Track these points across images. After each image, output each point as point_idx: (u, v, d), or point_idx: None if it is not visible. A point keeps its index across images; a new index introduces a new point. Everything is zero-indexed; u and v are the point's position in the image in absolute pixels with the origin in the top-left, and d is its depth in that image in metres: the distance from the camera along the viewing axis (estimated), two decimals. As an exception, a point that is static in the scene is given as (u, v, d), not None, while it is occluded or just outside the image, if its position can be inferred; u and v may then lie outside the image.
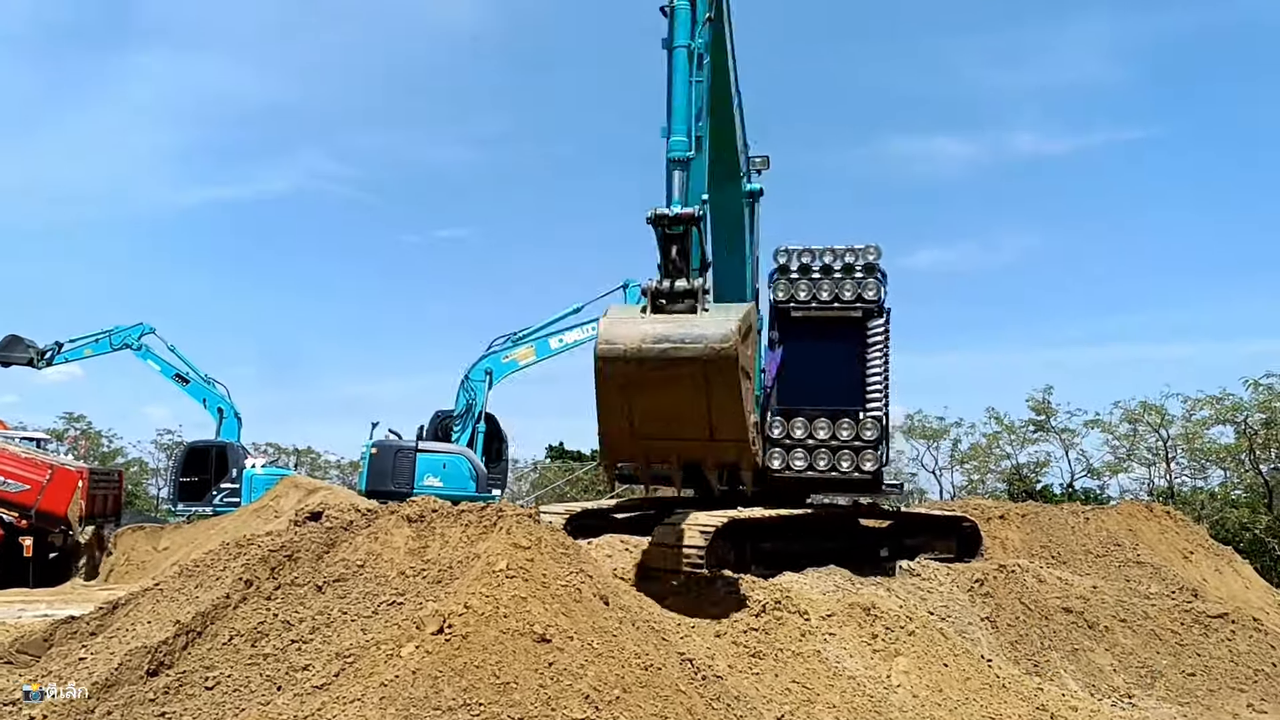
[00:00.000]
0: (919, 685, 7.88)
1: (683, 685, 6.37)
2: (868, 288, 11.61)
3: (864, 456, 11.13)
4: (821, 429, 11.34)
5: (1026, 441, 36.61)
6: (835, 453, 11.23)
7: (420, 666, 5.65)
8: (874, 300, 11.62)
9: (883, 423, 11.26)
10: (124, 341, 28.16)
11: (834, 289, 11.76)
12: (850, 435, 11.23)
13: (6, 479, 19.81)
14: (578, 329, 24.44)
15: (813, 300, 11.84)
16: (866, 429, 11.18)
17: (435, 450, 22.81)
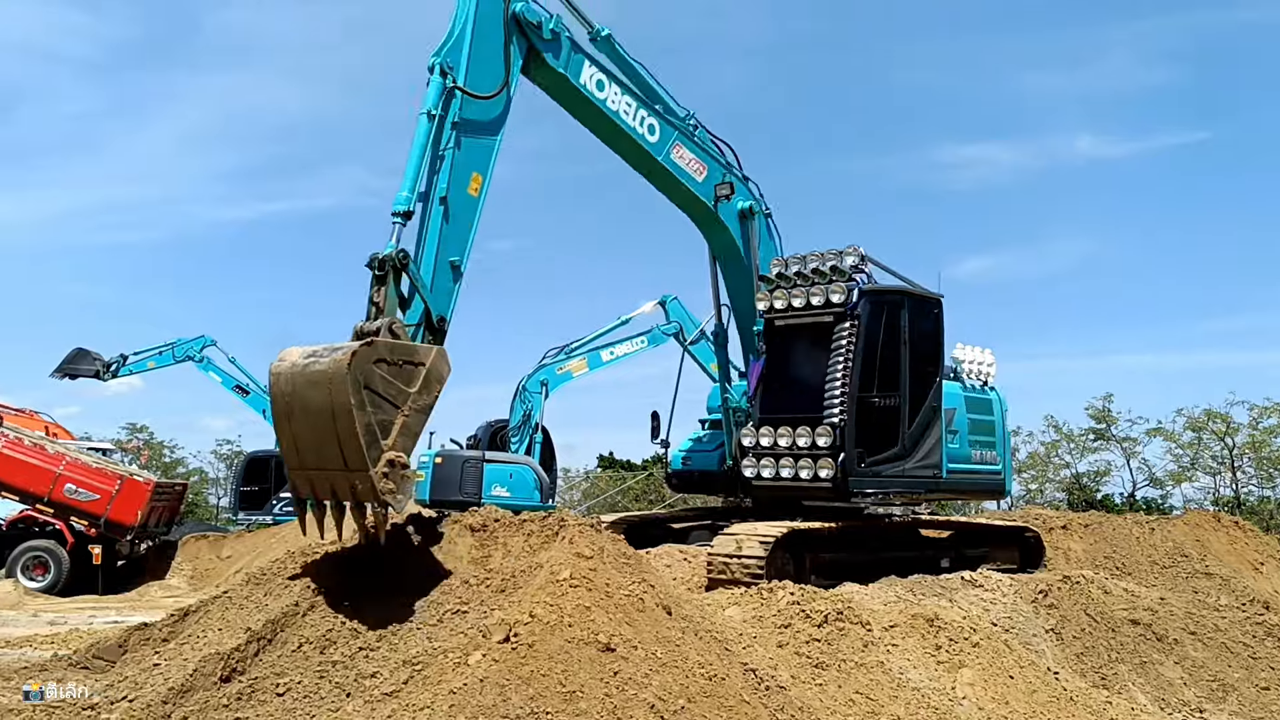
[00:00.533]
0: (984, 697, 7.79)
1: (747, 695, 6.37)
2: (835, 291, 11.39)
3: (821, 464, 10.87)
4: (785, 437, 11.18)
5: (1086, 450, 36.04)
6: (798, 460, 11.08)
7: (488, 674, 5.71)
8: (840, 304, 11.33)
9: (839, 429, 10.84)
10: (186, 354, 28.77)
11: (806, 295, 11.60)
12: (809, 443, 11.01)
13: (78, 488, 20.28)
14: (627, 342, 24.67)
15: (789, 308, 11.74)
16: (822, 436, 10.88)
17: (502, 460, 22.95)
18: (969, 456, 12.28)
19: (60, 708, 7.25)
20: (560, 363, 24.73)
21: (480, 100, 9.70)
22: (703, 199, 12.12)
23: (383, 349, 7.83)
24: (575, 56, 10.92)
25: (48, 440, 21.66)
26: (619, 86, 11.32)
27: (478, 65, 9.78)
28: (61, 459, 20.49)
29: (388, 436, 7.66)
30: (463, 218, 9.58)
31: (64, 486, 20.12)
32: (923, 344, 11.69)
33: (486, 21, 9.90)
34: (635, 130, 11.41)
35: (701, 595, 9.12)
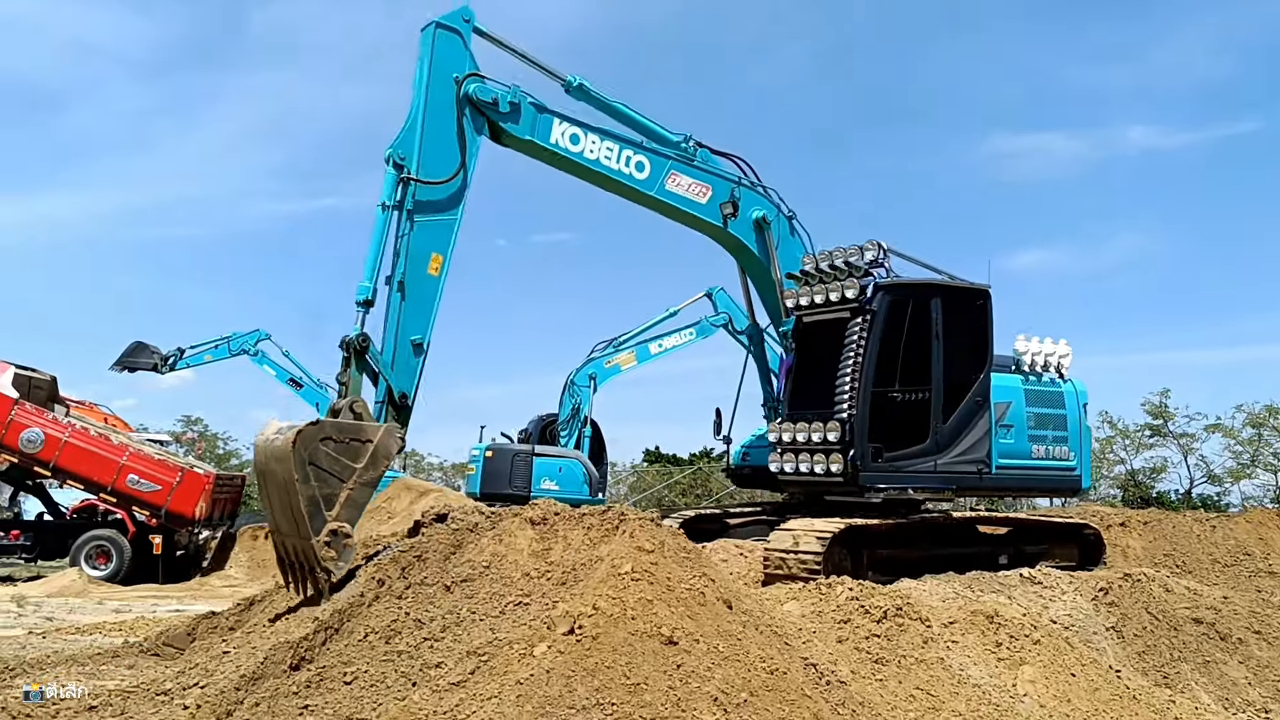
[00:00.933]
0: (1045, 695, 7.74)
1: (808, 690, 6.38)
2: (849, 287, 11.34)
3: (832, 459, 10.91)
4: (802, 432, 11.24)
5: (1142, 446, 35.51)
6: (813, 455, 11.13)
7: (554, 666, 5.78)
8: (854, 299, 11.29)
9: (847, 424, 10.82)
10: (241, 347, 29.21)
11: (826, 291, 11.60)
12: (820, 438, 11.03)
13: (140, 479, 20.75)
14: (675, 335, 24.66)
15: (812, 304, 11.75)
16: (831, 431, 10.89)
17: (551, 454, 23.11)
18: (1028, 451, 12.08)
19: (134, 693, 7.46)
20: (608, 356, 24.79)
21: (439, 185, 10.27)
22: (709, 220, 12.34)
23: (329, 428, 8.82)
24: (542, 118, 11.28)
25: (112, 431, 22.18)
26: (597, 134, 11.63)
27: (432, 151, 10.32)
28: (125, 450, 20.98)
29: (332, 508, 8.56)
30: (423, 298, 10.19)
31: (127, 477, 20.60)
32: (963, 337, 11.55)
33: (438, 108, 10.42)
34: (620, 173, 11.72)
35: (759, 590, 9.14)
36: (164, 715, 6.95)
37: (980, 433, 11.56)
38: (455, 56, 10.65)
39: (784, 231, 12.69)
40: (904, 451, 11.15)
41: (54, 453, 20.48)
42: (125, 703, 7.21)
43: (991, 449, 11.61)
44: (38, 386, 22.35)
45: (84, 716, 7.05)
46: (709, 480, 41.13)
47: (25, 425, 20.43)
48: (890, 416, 11.12)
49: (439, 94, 10.50)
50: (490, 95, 10.77)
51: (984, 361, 11.70)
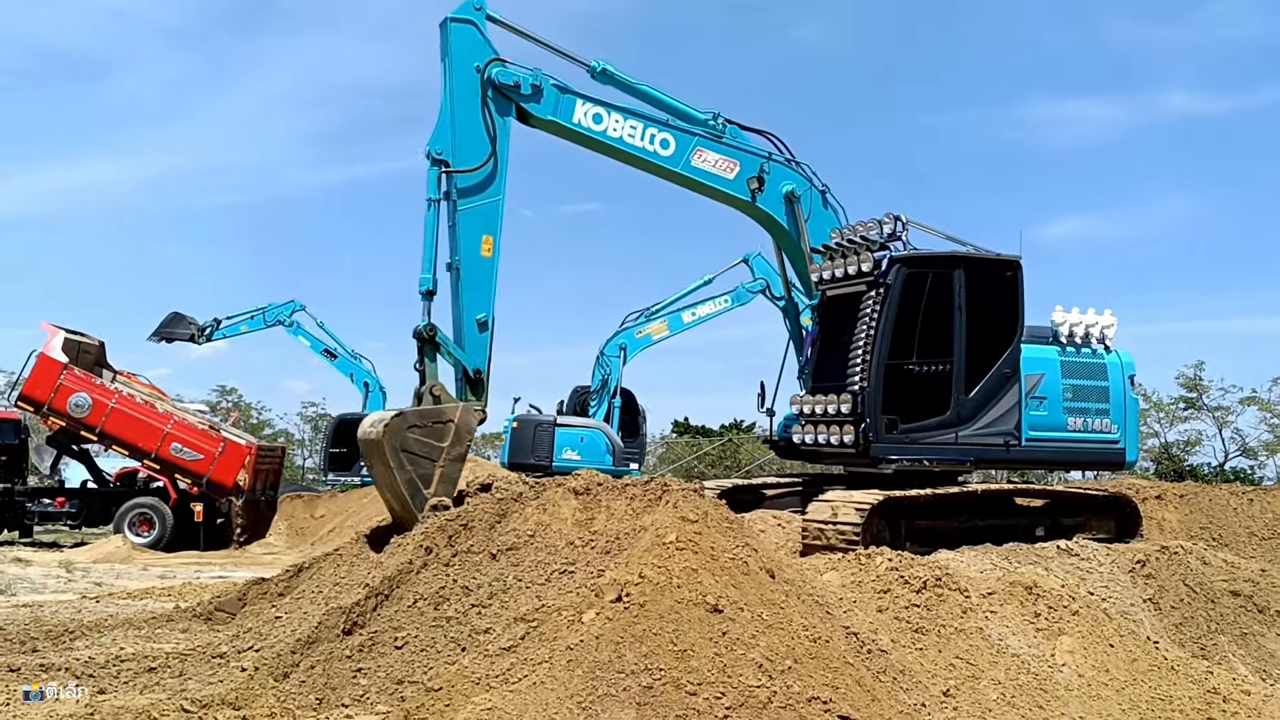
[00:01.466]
0: (1084, 665, 7.80)
1: (850, 658, 6.49)
2: (864, 260, 11.40)
3: (844, 430, 11.11)
4: (820, 404, 11.45)
5: (1176, 419, 35.28)
6: (828, 427, 11.35)
7: (602, 632, 5.91)
8: (868, 273, 11.38)
9: (859, 396, 10.99)
10: (277, 318, 29.48)
11: (845, 265, 11.71)
12: (834, 410, 11.21)
13: (184, 447, 21.14)
14: (709, 302, 24.66)
15: (833, 278, 11.90)
16: (844, 403, 11.08)
17: (573, 425, 23.34)
18: (1063, 424, 12.01)
19: (190, 656, 7.68)
20: (639, 325, 24.87)
21: (473, 171, 10.82)
22: (737, 195, 12.45)
23: (411, 416, 9.88)
24: (565, 99, 11.58)
25: (157, 399, 22.58)
26: (620, 113, 11.87)
27: (465, 141, 10.84)
28: (170, 418, 21.37)
29: (429, 486, 9.63)
30: (480, 278, 10.86)
31: (170, 445, 20.99)
32: (990, 308, 11.54)
33: (464, 98, 10.91)
34: (644, 150, 11.94)
35: (798, 560, 9.25)
36: (221, 677, 7.17)
37: (1009, 405, 11.54)
38: (473, 46, 11.04)
39: (816, 205, 12.70)
40: (922, 423, 11.22)
41: (100, 418, 20.92)
42: (183, 664, 7.44)
43: (1021, 421, 11.59)
44: (86, 351, 22.77)
45: (144, 678, 7.28)
46: (738, 451, 41.24)
47: (73, 390, 20.86)
48: (907, 388, 11.22)
49: (463, 85, 10.94)
50: (512, 79, 11.13)
51: (1014, 333, 11.66)
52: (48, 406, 20.95)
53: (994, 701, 7.04)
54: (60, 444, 22.94)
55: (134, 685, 7.12)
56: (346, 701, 6.60)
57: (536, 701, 5.54)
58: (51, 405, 20.86)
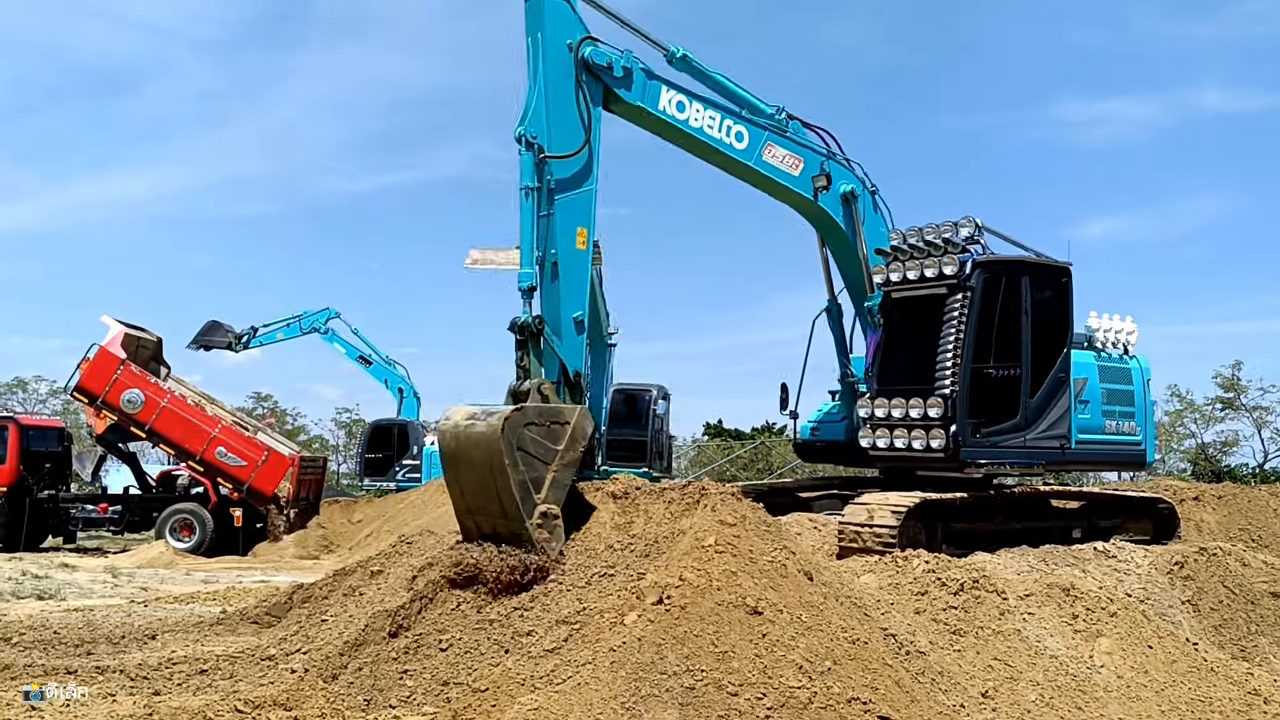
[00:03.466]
0: (1123, 666, 7.82)
1: (889, 659, 6.56)
2: (948, 264, 11.33)
3: (933, 434, 10.94)
4: (899, 408, 11.27)
5: (1213, 420, 34.93)
6: (911, 431, 11.17)
7: (644, 634, 6.02)
8: (953, 275, 11.27)
9: (950, 400, 10.83)
10: (312, 326, 29.85)
11: (921, 267, 11.58)
12: (919, 414, 11.08)
13: (228, 452, 21.52)
14: None
15: (904, 280, 11.77)
16: (933, 407, 10.94)
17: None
18: (1101, 427, 12.15)
19: (240, 658, 7.86)
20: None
21: (571, 158, 10.04)
22: (801, 192, 12.22)
23: (532, 413, 8.71)
24: (651, 85, 11.02)
25: (207, 403, 22.99)
26: (701, 103, 11.40)
27: (558, 126, 10.04)
28: (218, 423, 21.77)
29: (540, 491, 8.48)
30: (576, 274, 10.11)
31: (216, 449, 21.37)
32: (1047, 314, 11.63)
33: (557, 78, 10.12)
34: (722, 142, 11.54)
35: (835, 563, 9.31)
36: (271, 678, 7.35)
37: (1062, 409, 11.69)
38: (565, 22, 10.30)
39: (868, 207, 12.60)
40: (997, 428, 11.29)
41: (151, 415, 21.39)
42: (234, 666, 7.62)
43: (1071, 425, 11.74)
44: (144, 346, 23.27)
45: (197, 679, 7.47)
46: (770, 454, 41.20)
47: (128, 385, 21.36)
48: (985, 393, 11.22)
49: (555, 63, 10.18)
50: (605, 59, 10.47)
51: (1065, 338, 11.81)
52: (102, 399, 21.42)
53: (1033, 703, 7.07)
54: (109, 442, 23.36)
55: (187, 687, 7.31)
56: (394, 702, 6.75)
57: (581, 702, 5.65)
58: (105, 399, 21.34)
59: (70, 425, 30.22)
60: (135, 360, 22.16)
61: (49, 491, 22.77)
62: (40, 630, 9.06)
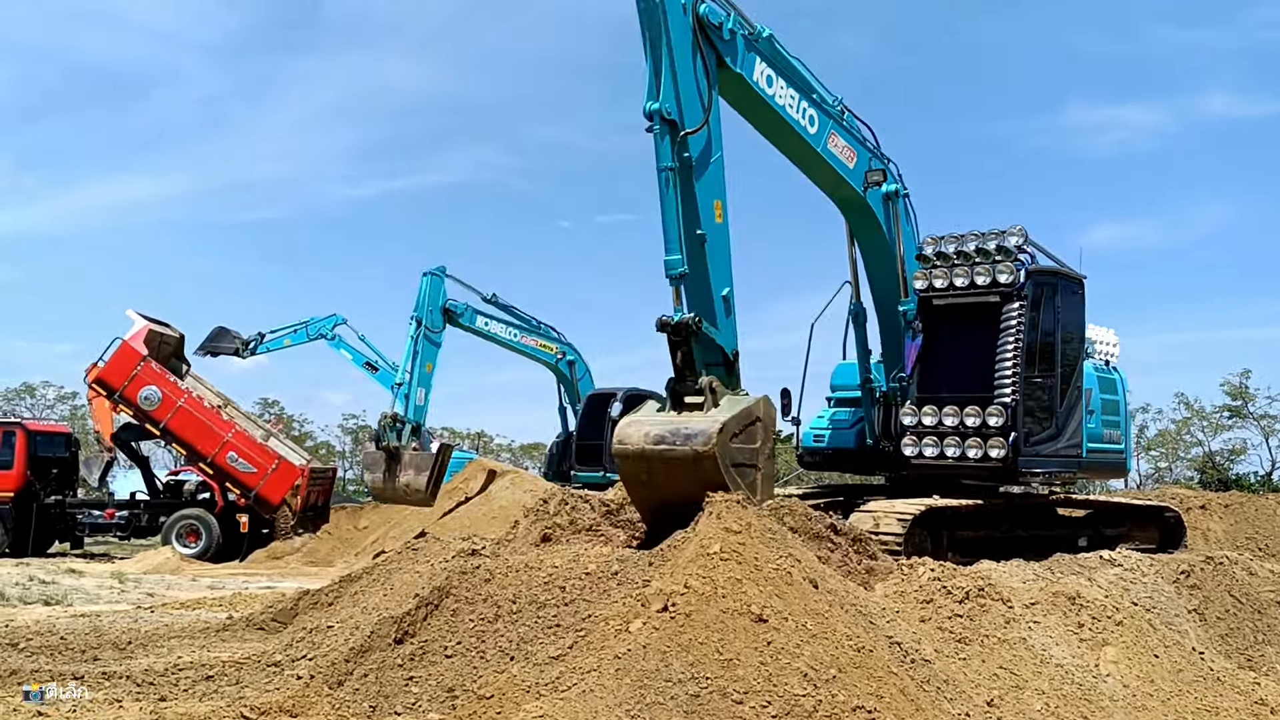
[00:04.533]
0: (1129, 675, 7.80)
1: (894, 667, 6.55)
2: (1002, 271, 11.34)
3: (992, 444, 10.92)
4: (951, 416, 11.23)
5: (1220, 428, 34.86)
6: (965, 440, 11.11)
7: (649, 641, 6.02)
8: (1008, 284, 11.31)
9: (1011, 409, 10.88)
10: (319, 332, 29.83)
11: (969, 275, 11.56)
12: (978, 422, 11.04)
13: (239, 457, 21.58)
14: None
15: (949, 287, 11.72)
16: (993, 415, 10.95)
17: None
18: (1101, 435, 12.31)
19: (246, 664, 7.88)
20: None
21: (699, 130, 9.50)
22: (853, 185, 12.01)
23: (732, 425, 8.59)
24: (749, 54, 10.54)
25: (224, 404, 23.08)
26: (784, 80, 11.05)
27: (687, 96, 9.47)
28: (231, 427, 21.86)
29: (756, 494, 8.59)
30: (721, 249, 9.74)
31: (228, 453, 21.43)
32: (1069, 325, 11.73)
33: (680, 43, 9.43)
34: (798, 123, 11.24)
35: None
36: (277, 685, 7.36)
37: (1079, 418, 11.89)
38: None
39: (903, 210, 12.49)
40: (1038, 436, 11.45)
41: (167, 414, 21.49)
42: (239, 673, 7.64)
43: (1084, 434, 11.85)
44: (165, 342, 23.41)
45: (202, 685, 7.48)
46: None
47: (147, 382, 21.44)
48: (1031, 403, 11.35)
49: (677, 27, 9.41)
50: (719, 18, 9.91)
51: (1081, 349, 11.95)
52: (119, 393, 21.51)
53: (1038, 712, 7.06)
54: (122, 442, 23.48)
55: (193, 693, 7.33)
56: (399, 709, 6.76)
57: (586, 709, 5.65)
58: (123, 393, 21.42)
59: (78, 431, 30.31)
60: (156, 356, 22.26)
61: (56, 497, 22.84)
62: (47, 635, 9.08)
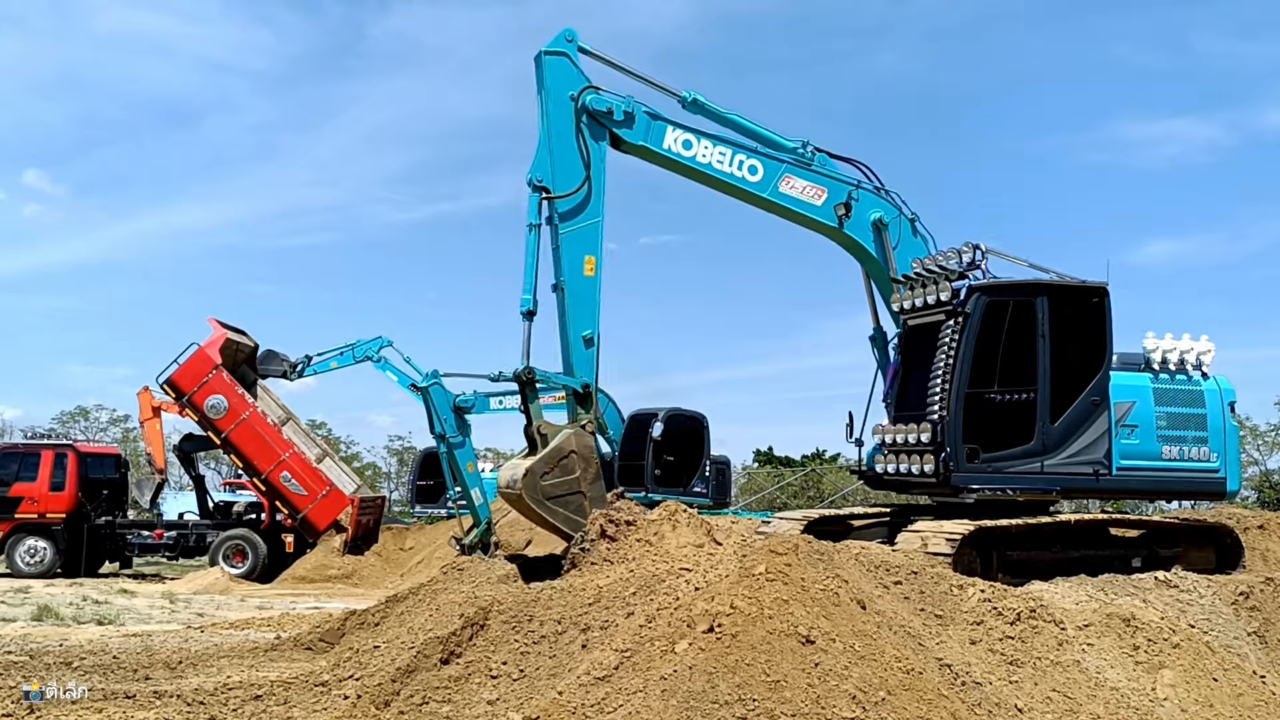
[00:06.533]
0: (1187, 699, 7.63)
1: (944, 690, 6.45)
2: (943, 290, 11.37)
3: (925, 459, 11.10)
4: (900, 433, 11.50)
5: (1276, 446, 34.11)
6: (909, 456, 11.38)
7: (696, 663, 5.97)
8: (947, 302, 11.35)
9: (940, 425, 10.96)
10: (365, 354, 30.10)
11: (925, 295, 11.71)
12: (914, 439, 11.24)
13: (292, 478, 21.85)
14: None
15: (912, 308, 11.93)
16: (924, 432, 11.07)
17: None
18: (1157, 452, 11.75)
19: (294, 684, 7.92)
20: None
21: (571, 195, 11.37)
22: (824, 221, 12.68)
23: (539, 466, 10.51)
24: (656, 125, 12.02)
25: (288, 420, 23.44)
26: (710, 140, 12.27)
27: (563, 167, 11.43)
28: (290, 447, 22.19)
29: (585, 515, 9.90)
30: (584, 297, 11.43)
31: (282, 473, 21.70)
32: (1076, 335, 11.45)
33: (560, 126, 11.48)
34: (733, 176, 12.30)
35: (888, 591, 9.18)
36: (324, 704, 7.39)
37: (1098, 433, 11.42)
38: (566, 77, 11.60)
39: (905, 234, 12.77)
40: (1006, 452, 11.18)
41: (230, 425, 21.89)
42: (287, 693, 7.68)
43: (1112, 449, 11.43)
44: (240, 350, 23.93)
45: (250, 705, 7.54)
46: (821, 481, 40.87)
47: (216, 391, 21.88)
48: (990, 418, 11.20)
49: (559, 114, 11.47)
50: (605, 105, 11.65)
51: (1102, 360, 11.54)
52: (188, 398, 21.95)
53: (1094, 736, 6.92)
54: (184, 453, 23.95)
55: (242, 713, 7.38)
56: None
57: (632, 731, 5.62)
58: (192, 398, 21.85)
59: (129, 454, 30.82)
60: (230, 364, 22.67)
61: (106, 518, 23.20)
62: (100, 654, 9.20)
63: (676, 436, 25.11)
